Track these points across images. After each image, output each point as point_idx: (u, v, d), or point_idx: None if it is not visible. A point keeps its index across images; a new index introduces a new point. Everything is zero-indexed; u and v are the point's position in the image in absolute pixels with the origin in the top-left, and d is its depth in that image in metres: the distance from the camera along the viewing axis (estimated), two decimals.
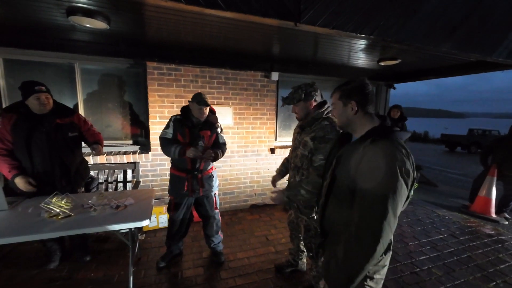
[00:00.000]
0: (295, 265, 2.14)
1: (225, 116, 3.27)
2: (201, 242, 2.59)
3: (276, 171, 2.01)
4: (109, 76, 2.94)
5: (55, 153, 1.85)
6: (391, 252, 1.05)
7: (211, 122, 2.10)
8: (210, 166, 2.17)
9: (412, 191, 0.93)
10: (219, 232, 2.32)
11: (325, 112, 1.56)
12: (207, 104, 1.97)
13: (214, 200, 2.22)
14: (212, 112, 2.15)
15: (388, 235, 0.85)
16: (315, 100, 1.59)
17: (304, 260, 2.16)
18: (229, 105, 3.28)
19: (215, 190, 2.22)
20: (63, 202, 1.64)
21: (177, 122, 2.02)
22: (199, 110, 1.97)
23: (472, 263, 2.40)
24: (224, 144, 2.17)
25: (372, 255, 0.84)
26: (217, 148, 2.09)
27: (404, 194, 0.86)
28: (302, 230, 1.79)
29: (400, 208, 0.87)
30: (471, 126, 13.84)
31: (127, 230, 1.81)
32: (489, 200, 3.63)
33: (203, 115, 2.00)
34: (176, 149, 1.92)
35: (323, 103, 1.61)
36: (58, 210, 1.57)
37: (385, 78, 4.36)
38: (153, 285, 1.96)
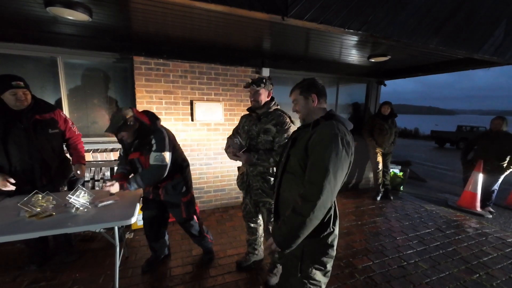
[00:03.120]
0: (256, 254, 2.19)
1: (215, 112, 3.23)
2: (190, 240, 2.55)
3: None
4: (94, 71, 2.85)
5: (34, 150, 1.78)
6: (336, 240, 1.16)
7: (145, 141, 1.75)
8: (169, 177, 1.86)
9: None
10: (204, 234, 2.17)
11: (276, 104, 1.85)
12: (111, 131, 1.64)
13: (182, 209, 1.97)
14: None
15: (328, 194, 0.98)
16: (272, 91, 1.84)
17: (262, 247, 2.24)
18: (220, 101, 3.24)
19: (182, 198, 1.96)
20: (43, 201, 1.59)
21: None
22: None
23: (457, 256, 2.46)
24: (157, 166, 1.71)
25: (313, 208, 0.97)
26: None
27: (345, 161, 1.02)
28: (265, 215, 1.90)
29: (341, 173, 1.01)
30: (460, 123, 14.17)
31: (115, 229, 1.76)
32: (475, 194, 3.73)
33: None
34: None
35: (273, 98, 1.86)
36: (38, 209, 1.51)
37: (375, 75, 4.39)
38: (140, 285, 1.93)
